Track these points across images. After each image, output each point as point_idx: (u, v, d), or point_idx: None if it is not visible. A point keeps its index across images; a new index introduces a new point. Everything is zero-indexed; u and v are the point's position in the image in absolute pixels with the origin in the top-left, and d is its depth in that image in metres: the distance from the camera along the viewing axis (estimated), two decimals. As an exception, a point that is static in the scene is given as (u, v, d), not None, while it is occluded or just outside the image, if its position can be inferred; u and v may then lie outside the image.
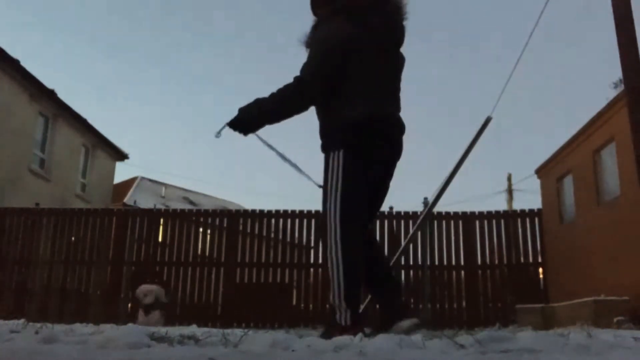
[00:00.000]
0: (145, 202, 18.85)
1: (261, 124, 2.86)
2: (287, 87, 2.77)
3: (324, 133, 2.85)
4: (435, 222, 9.61)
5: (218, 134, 2.84)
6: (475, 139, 6.15)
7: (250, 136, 2.89)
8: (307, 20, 3.01)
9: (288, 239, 10.06)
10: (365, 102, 2.79)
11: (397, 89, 2.97)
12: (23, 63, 12.85)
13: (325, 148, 2.82)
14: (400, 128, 2.93)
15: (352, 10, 2.84)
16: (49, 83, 14.05)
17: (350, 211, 2.71)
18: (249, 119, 2.83)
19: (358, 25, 2.81)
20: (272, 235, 10.27)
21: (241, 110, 2.83)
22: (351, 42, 2.78)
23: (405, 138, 2.97)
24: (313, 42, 2.86)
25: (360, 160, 2.76)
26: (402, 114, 2.97)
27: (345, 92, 2.77)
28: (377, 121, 2.80)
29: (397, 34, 2.96)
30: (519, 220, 9.77)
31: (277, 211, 10.15)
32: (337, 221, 2.68)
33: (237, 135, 2.84)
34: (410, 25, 2.96)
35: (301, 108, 2.84)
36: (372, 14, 2.87)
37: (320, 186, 2.88)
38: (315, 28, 2.93)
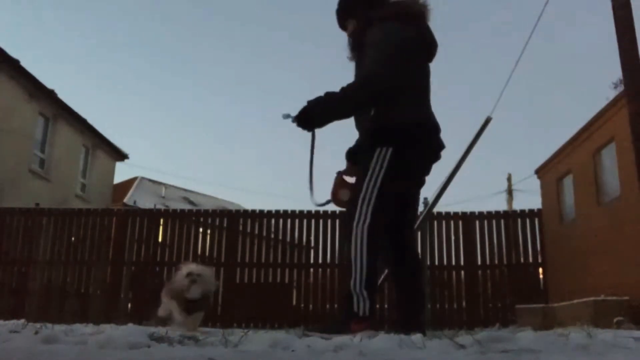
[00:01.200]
0: (145, 202, 18.87)
1: (330, 119, 2.85)
2: (359, 83, 2.79)
3: (374, 130, 2.85)
4: (435, 222, 9.60)
5: (286, 116, 2.81)
6: (475, 139, 6.16)
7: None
8: (305, 17, 3.02)
9: (288, 239, 10.06)
10: (418, 107, 2.89)
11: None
12: (23, 63, 12.87)
13: (372, 144, 2.83)
14: (440, 133, 3.00)
15: (406, 17, 2.90)
16: (49, 83, 14.08)
17: (383, 208, 2.76)
18: (319, 113, 2.81)
19: (413, 32, 2.89)
20: (272, 235, 10.27)
21: (310, 103, 2.80)
22: (410, 46, 2.85)
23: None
24: (372, 43, 2.85)
25: (405, 163, 2.81)
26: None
27: (399, 94, 2.81)
28: (426, 127, 2.90)
29: (436, 46, 3.04)
30: (519, 220, 9.76)
31: (277, 211, 10.15)
32: (368, 213, 2.73)
33: (298, 129, 2.82)
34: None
35: (371, 104, 2.84)
36: (422, 23, 2.95)
37: (319, 205, 2.96)
38: (364, 31, 2.93)
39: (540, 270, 9.65)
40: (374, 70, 2.77)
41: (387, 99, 2.80)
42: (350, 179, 3.06)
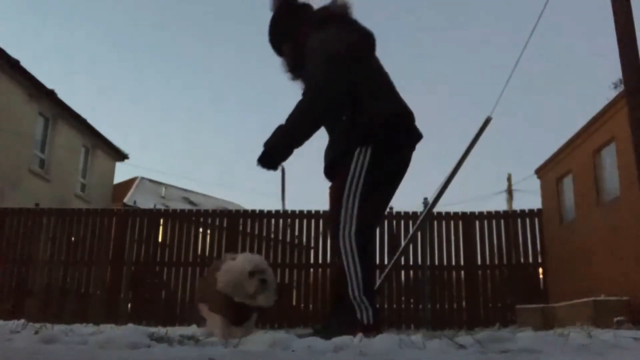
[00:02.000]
0: (145, 202, 18.87)
1: (290, 152, 2.72)
2: (309, 98, 2.69)
3: (349, 131, 2.77)
4: (435, 222, 9.60)
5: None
6: (475, 139, 6.17)
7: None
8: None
9: (288, 239, 10.06)
10: (388, 98, 2.84)
11: None
12: (23, 63, 12.87)
13: (349, 144, 2.75)
14: (414, 121, 2.94)
15: (333, 18, 2.86)
16: (49, 83, 14.08)
17: (368, 210, 2.70)
18: (278, 152, 2.69)
19: (347, 30, 2.85)
20: (272, 235, 10.26)
21: (267, 144, 2.68)
22: (355, 47, 2.81)
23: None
24: (310, 53, 2.78)
25: (386, 158, 2.75)
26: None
27: (366, 91, 2.77)
28: (402, 115, 2.85)
29: (372, 36, 2.98)
30: (519, 220, 9.76)
31: (277, 211, 10.15)
32: (353, 218, 2.67)
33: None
34: (412, 23, 2.99)
35: (329, 114, 2.75)
36: (348, 19, 2.91)
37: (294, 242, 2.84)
38: (304, 47, 2.85)
39: (540, 270, 9.65)
40: (318, 78, 2.69)
41: (345, 103, 2.72)
42: None
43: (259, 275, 2.49)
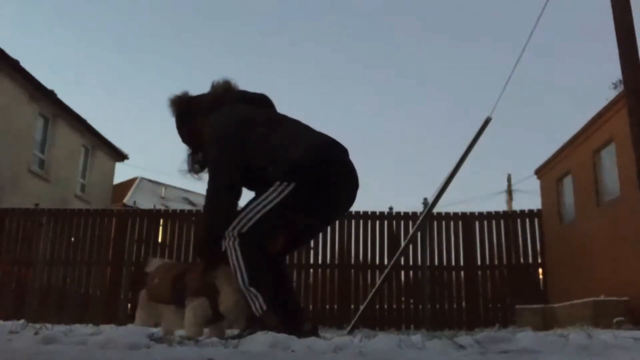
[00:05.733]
0: (145, 202, 18.89)
1: (220, 238, 2.71)
2: (212, 194, 2.70)
3: (274, 171, 2.62)
4: (435, 222, 9.60)
5: None
6: (475, 139, 6.18)
7: None
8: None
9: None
10: (305, 137, 2.73)
11: None
12: (23, 63, 12.87)
13: (271, 178, 2.60)
14: (348, 155, 2.80)
15: (217, 103, 2.85)
16: (49, 83, 14.07)
17: (257, 241, 2.61)
18: (210, 243, 2.74)
19: (239, 104, 2.85)
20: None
21: (199, 240, 2.85)
22: (243, 120, 2.75)
23: (404, 138, 2.96)
24: (207, 139, 2.79)
25: (304, 204, 2.63)
26: (402, 113, 2.97)
27: (278, 141, 2.67)
28: (324, 147, 2.71)
29: (262, 97, 3.00)
30: (519, 220, 9.77)
31: (277, 211, 10.12)
32: (246, 226, 2.60)
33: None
34: (412, 22, 2.95)
35: (236, 198, 2.73)
36: (242, 92, 2.93)
37: None
38: (199, 134, 2.88)
39: (540, 270, 9.65)
40: (212, 170, 2.76)
41: (240, 179, 2.71)
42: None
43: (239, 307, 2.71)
